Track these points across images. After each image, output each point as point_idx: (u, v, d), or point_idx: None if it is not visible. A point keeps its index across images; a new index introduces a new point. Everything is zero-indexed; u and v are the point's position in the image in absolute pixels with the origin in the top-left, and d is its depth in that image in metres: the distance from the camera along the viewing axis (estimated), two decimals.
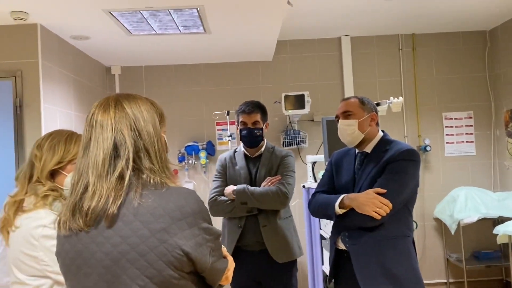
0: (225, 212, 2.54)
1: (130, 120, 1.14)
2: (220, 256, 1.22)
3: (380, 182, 1.98)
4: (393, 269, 1.95)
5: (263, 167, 2.58)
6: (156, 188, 1.10)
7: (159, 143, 1.17)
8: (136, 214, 1.07)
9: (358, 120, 2.11)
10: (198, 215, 1.13)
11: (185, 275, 1.10)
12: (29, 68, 3.05)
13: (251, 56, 4.52)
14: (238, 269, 2.54)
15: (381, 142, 2.14)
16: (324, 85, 4.64)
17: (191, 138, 4.58)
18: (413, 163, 2.03)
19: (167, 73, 4.65)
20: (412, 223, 2.11)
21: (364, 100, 2.19)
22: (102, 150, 1.12)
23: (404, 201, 2.00)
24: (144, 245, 1.06)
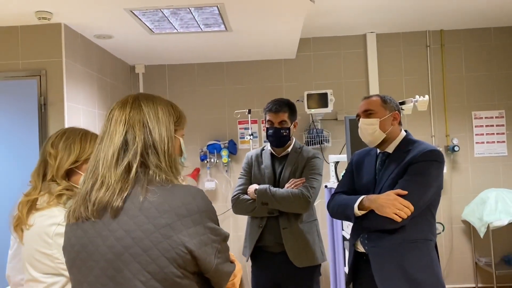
0: (247, 211, 2.50)
1: (144, 118, 1.17)
2: (227, 259, 1.19)
3: (401, 184, 1.91)
4: (414, 274, 1.88)
5: (288, 168, 2.52)
6: (162, 184, 1.11)
7: (169, 144, 1.17)
8: (141, 208, 1.07)
9: (380, 119, 2.05)
10: (204, 213, 1.11)
11: (189, 274, 1.09)
12: (53, 67, 3.10)
13: (274, 54, 4.47)
14: (259, 269, 2.55)
15: (404, 142, 2.07)
16: (349, 83, 4.55)
17: (213, 137, 4.57)
18: (437, 164, 1.94)
19: (190, 71, 4.66)
20: (435, 227, 2.03)
21: (387, 98, 2.12)
22: (113, 143, 1.15)
23: (426, 204, 1.92)
24: (147, 240, 1.05)
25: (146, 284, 1.05)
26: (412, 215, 1.86)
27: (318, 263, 2.49)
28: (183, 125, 1.29)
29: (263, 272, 2.53)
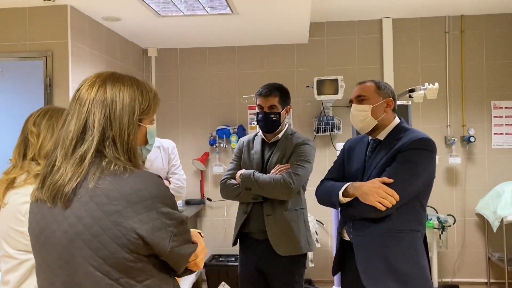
0: (233, 196, 2.48)
1: (106, 107, 1.15)
2: (186, 241, 1.18)
3: (388, 172, 1.86)
4: (396, 264, 1.83)
5: (276, 154, 2.47)
6: (115, 173, 1.10)
7: (130, 136, 1.16)
8: (92, 195, 1.08)
9: (372, 105, 1.99)
10: (157, 199, 1.11)
11: (143, 258, 1.10)
12: (59, 48, 3.14)
13: (285, 39, 4.39)
14: (244, 255, 2.53)
15: (396, 129, 2.00)
16: (363, 70, 4.43)
17: (223, 122, 4.56)
18: (427, 153, 1.87)
19: (201, 55, 4.64)
20: (424, 218, 1.96)
21: (381, 84, 2.05)
22: (73, 128, 1.14)
23: (414, 193, 1.86)
24: (97, 227, 1.06)
25: (98, 269, 1.06)
26: (398, 205, 1.80)
27: (302, 253, 2.43)
28: (153, 112, 1.25)
29: (248, 258, 2.51)
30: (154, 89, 1.27)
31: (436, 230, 3.91)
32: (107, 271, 1.06)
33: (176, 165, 2.73)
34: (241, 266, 2.56)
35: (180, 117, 4.67)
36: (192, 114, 4.65)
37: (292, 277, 2.42)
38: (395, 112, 2.06)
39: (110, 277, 1.07)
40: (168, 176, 2.69)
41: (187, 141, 4.65)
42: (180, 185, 2.66)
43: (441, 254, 4.20)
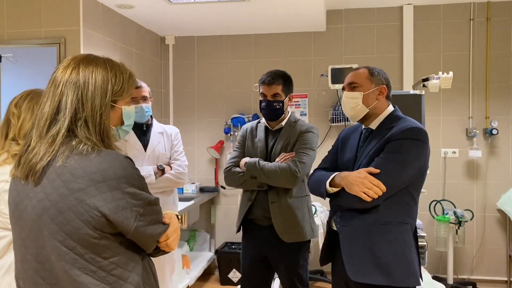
0: (237, 184, 2.48)
1: (79, 88, 1.19)
2: (154, 221, 1.21)
3: (376, 162, 1.81)
4: (382, 256, 1.77)
5: (280, 142, 2.46)
6: (83, 152, 1.13)
7: (102, 117, 1.20)
8: (59, 173, 1.12)
9: (363, 93, 1.92)
10: (123, 179, 1.14)
11: (107, 235, 1.13)
12: (72, 35, 3.20)
13: (302, 27, 4.32)
14: (248, 241, 2.54)
15: (388, 118, 1.94)
16: (381, 59, 4.31)
17: (238, 110, 4.55)
18: (418, 143, 1.80)
19: (218, 43, 4.64)
20: (415, 210, 1.89)
21: (375, 71, 1.98)
22: (48, 110, 1.19)
23: (403, 184, 1.80)
24: (62, 203, 1.11)
25: (64, 243, 1.11)
26: (385, 196, 1.75)
27: (306, 239, 2.43)
28: (128, 94, 1.29)
29: (251, 244, 2.52)
30: (129, 71, 1.30)
31: (452, 225, 3.79)
32: (72, 246, 1.10)
33: (179, 151, 2.75)
34: (243, 252, 2.57)
35: (196, 105, 4.69)
36: (208, 102, 4.66)
37: (297, 262, 2.43)
38: (389, 100, 1.99)
39: (75, 252, 1.11)
40: (170, 162, 2.72)
41: (203, 129, 4.67)
42: (181, 171, 2.68)
43: (458, 249, 4.07)
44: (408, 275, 1.77)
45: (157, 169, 2.61)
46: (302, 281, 2.44)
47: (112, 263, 1.14)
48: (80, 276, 1.11)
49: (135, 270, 1.18)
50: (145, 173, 2.55)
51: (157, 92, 4.65)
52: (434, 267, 4.16)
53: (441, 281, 3.65)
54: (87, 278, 1.11)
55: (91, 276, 1.11)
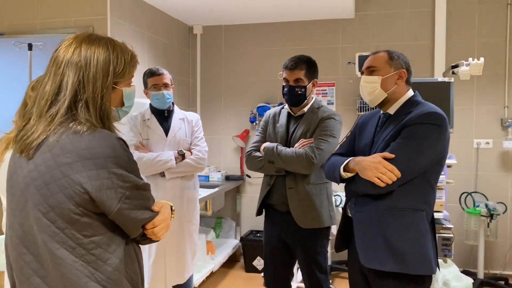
0: (257, 168, 2.50)
1: (80, 69, 1.18)
2: (141, 207, 1.20)
3: (392, 147, 1.75)
4: (395, 243, 1.72)
5: (301, 128, 2.45)
6: (77, 131, 1.13)
7: (104, 99, 1.19)
8: (50, 147, 1.13)
9: (382, 77, 1.86)
10: (111, 159, 1.13)
11: (90, 213, 1.13)
12: (99, 24, 3.28)
13: (330, 14, 4.25)
14: (269, 226, 2.56)
15: (407, 103, 1.87)
16: (412, 46, 4.18)
17: (264, 99, 4.55)
18: (435, 128, 1.73)
19: (245, 32, 4.64)
20: (433, 198, 1.82)
21: (394, 54, 1.92)
22: (49, 89, 1.18)
23: (420, 170, 1.73)
24: (48, 175, 1.11)
25: (46, 216, 1.12)
26: (400, 182, 1.70)
27: (324, 226, 2.41)
28: (129, 75, 1.27)
29: (272, 229, 2.54)
30: (131, 52, 1.28)
31: (483, 218, 3.65)
32: (54, 220, 1.11)
33: (199, 137, 2.78)
34: (265, 237, 2.59)
35: (223, 94, 4.72)
36: (234, 91, 4.68)
37: (314, 248, 2.42)
38: (409, 85, 1.93)
39: (56, 226, 1.11)
40: (191, 148, 2.75)
41: (229, 118, 4.70)
42: (201, 156, 2.71)
43: (489, 244, 3.93)
44: (422, 263, 1.72)
45: (178, 154, 2.65)
46: (321, 268, 2.42)
47: (93, 242, 1.13)
48: (59, 250, 1.11)
49: (116, 253, 1.17)
50: (165, 158, 2.60)
51: (185, 81, 4.70)
52: (464, 261, 4.04)
53: (471, 275, 3.54)
54: (65, 253, 1.11)
55: (70, 252, 1.11)
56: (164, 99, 2.68)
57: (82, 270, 1.12)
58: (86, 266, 1.12)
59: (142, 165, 2.57)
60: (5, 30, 3.43)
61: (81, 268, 1.12)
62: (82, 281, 1.12)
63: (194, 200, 2.77)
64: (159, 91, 2.67)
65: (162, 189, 2.64)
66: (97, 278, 1.13)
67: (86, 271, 1.12)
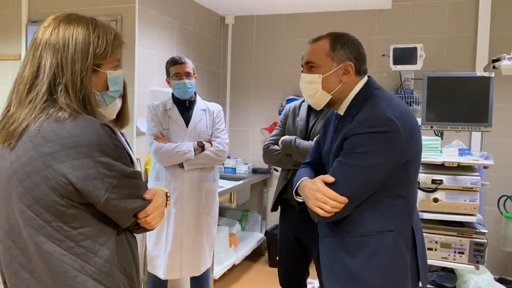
0: (274, 161, 2.45)
1: (58, 51, 1.12)
2: (130, 195, 1.15)
3: (334, 166, 1.49)
4: (361, 275, 1.47)
5: (321, 121, 2.36)
6: (58, 118, 1.08)
7: (83, 82, 1.12)
8: (31, 136, 1.08)
9: (323, 75, 1.52)
10: (96, 147, 1.07)
11: (76, 204, 1.08)
12: (128, 12, 3.28)
13: (366, 4, 4.08)
14: (283, 221, 2.49)
15: (356, 99, 1.53)
16: (452, 39, 3.95)
17: (294, 92, 4.44)
18: (380, 136, 1.41)
19: (277, 22, 4.53)
20: (406, 209, 1.51)
21: (337, 42, 1.53)
22: (27, 73, 1.13)
23: (372, 188, 1.45)
24: (30, 166, 1.07)
25: (30, 208, 1.08)
26: (351, 205, 1.44)
27: None
28: (113, 57, 1.19)
29: (287, 224, 2.48)
30: (114, 32, 1.21)
31: None
32: (39, 212, 1.07)
33: (220, 129, 2.73)
34: (280, 233, 2.54)
35: (253, 86, 4.65)
36: (264, 83, 4.60)
37: None
38: (362, 74, 1.57)
39: (42, 219, 1.07)
40: (211, 139, 2.71)
41: (258, 110, 4.63)
42: (221, 148, 2.66)
43: None
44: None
45: (197, 145, 2.61)
46: None
47: (81, 234, 1.09)
48: (46, 244, 1.07)
49: (106, 244, 1.13)
50: (185, 149, 2.56)
51: (215, 72, 4.67)
52: (500, 268, 3.81)
53: (507, 283, 3.33)
54: (52, 247, 1.07)
55: (57, 245, 1.07)
56: (185, 88, 2.64)
57: (72, 263, 1.09)
58: (75, 259, 1.09)
59: (160, 156, 2.56)
60: (39, 18, 3.50)
61: (70, 262, 1.08)
62: (72, 275, 1.08)
63: (213, 192, 2.73)
64: (181, 80, 2.63)
65: (180, 181, 2.62)
66: (88, 271, 1.10)
67: (75, 264, 1.09)
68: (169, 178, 2.62)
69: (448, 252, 2.85)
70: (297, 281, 2.47)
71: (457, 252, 2.86)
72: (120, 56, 1.24)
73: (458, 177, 2.80)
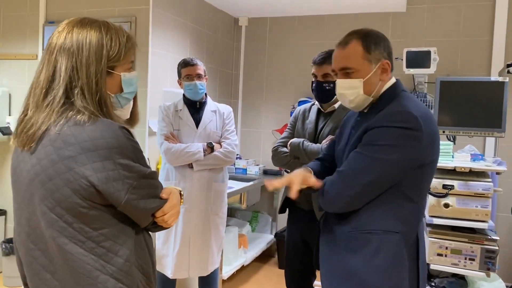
0: (282, 164, 2.47)
1: (73, 55, 1.15)
2: (149, 195, 1.17)
3: (350, 157, 1.49)
4: (360, 273, 1.46)
5: (330, 124, 2.36)
6: (78, 122, 1.10)
7: (98, 84, 1.15)
8: (52, 140, 1.11)
9: (363, 79, 1.50)
10: (116, 150, 1.10)
11: (98, 206, 1.11)
12: (142, 14, 3.32)
13: (380, 7, 4.06)
14: (291, 224, 2.49)
15: (382, 97, 1.52)
16: (468, 42, 3.91)
17: (306, 94, 4.44)
18: (402, 132, 1.39)
19: (291, 25, 4.54)
20: (415, 215, 1.50)
21: (371, 42, 1.53)
22: (43, 78, 1.16)
23: (385, 184, 1.43)
24: (52, 169, 1.09)
25: (52, 211, 1.10)
26: (365, 198, 1.45)
27: None
28: (126, 59, 1.22)
29: (294, 226, 2.48)
30: (127, 34, 1.23)
31: None
32: (61, 214, 1.09)
33: (230, 130, 2.74)
34: (287, 235, 2.54)
35: (265, 87, 4.66)
36: (277, 85, 4.61)
37: None
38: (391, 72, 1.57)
39: (64, 220, 1.09)
40: (221, 140, 2.73)
41: (270, 112, 4.64)
42: (230, 150, 2.68)
43: None
44: None
45: (207, 146, 2.64)
46: None
47: (102, 234, 1.11)
48: (68, 245, 1.09)
49: (126, 244, 1.15)
50: (194, 150, 2.59)
51: (227, 73, 4.69)
52: None
53: None
54: (74, 248, 1.09)
55: (79, 246, 1.09)
56: (196, 90, 2.67)
57: (93, 263, 1.11)
58: (96, 259, 1.11)
59: (170, 156, 2.58)
60: (55, 19, 3.57)
61: (91, 262, 1.11)
62: (93, 275, 1.11)
63: (221, 193, 2.75)
64: (192, 81, 2.66)
65: (190, 181, 2.64)
66: (109, 270, 1.12)
67: (97, 264, 1.11)
68: (178, 178, 2.65)
69: (459, 259, 2.82)
70: (303, 284, 2.47)
71: (467, 259, 2.82)
72: (133, 58, 1.27)
73: (470, 182, 2.77)
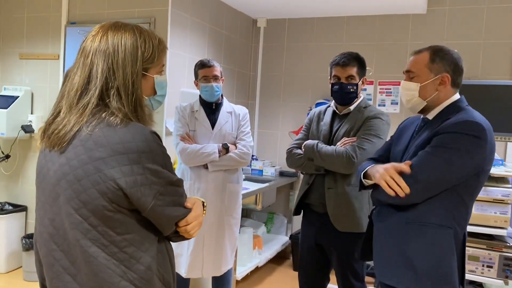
0: (296, 166, 2.46)
1: (109, 56, 1.16)
2: (174, 203, 1.17)
3: (419, 156, 1.62)
4: (414, 260, 1.60)
5: (345, 126, 2.36)
6: (110, 123, 1.11)
7: (135, 85, 1.16)
8: (83, 140, 1.11)
9: (420, 84, 1.70)
10: (146, 154, 1.10)
11: (123, 210, 1.10)
12: (161, 15, 3.36)
13: (400, 8, 4.02)
14: (305, 226, 2.49)
15: (448, 108, 1.69)
16: (489, 45, 3.83)
17: (323, 96, 4.42)
18: (470, 139, 1.55)
19: (309, 26, 4.53)
20: (465, 216, 1.65)
21: (438, 55, 1.71)
22: (78, 80, 1.17)
23: (448, 184, 1.58)
24: (81, 170, 1.09)
25: (78, 212, 1.10)
26: (426, 193, 1.59)
27: (362, 231, 2.27)
28: (158, 61, 1.24)
29: (308, 230, 2.48)
30: (159, 37, 1.26)
31: None
32: (86, 216, 1.09)
33: (245, 131, 2.75)
34: (301, 237, 2.54)
35: (282, 88, 4.66)
36: (294, 86, 4.60)
37: (351, 254, 2.32)
38: (457, 87, 1.74)
39: (89, 223, 1.09)
40: (236, 142, 2.74)
41: (287, 113, 4.64)
42: (245, 151, 2.69)
43: None
44: (442, 285, 1.57)
45: (222, 148, 2.65)
46: (357, 275, 2.31)
47: (126, 240, 1.10)
48: (91, 248, 1.08)
49: (149, 251, 1.14)
50: (209, 150, 2.61)
51: (245, 74, 4.71)
52: None
53: None
54: (97, 251, 1.08)
55: (102, 249, 1.09)
56: (212, 91, 2.69)
57: (114, 269, 1.10)
58: (118, 264, 1.10)
59: (185, 156, 2.61)
60: (77, 20, 3.64)
61: (113, 267, 1.10)
62: (115, 280, 1.10)
63: (236, 194, 2.76)
64: (209, 83, 2.68)
65: (204, 181, 2.66)
66: (130, 277, 1.11)
67: (118, 270, 1.10)
68: (193, 178, 2.67)
69: (476, 266, 2.77)
70: (317, 287, 2.46)
71: (485, 266, 2.78)
72: (164, 61, 1.29)
73: (489, 188, 2.72)
